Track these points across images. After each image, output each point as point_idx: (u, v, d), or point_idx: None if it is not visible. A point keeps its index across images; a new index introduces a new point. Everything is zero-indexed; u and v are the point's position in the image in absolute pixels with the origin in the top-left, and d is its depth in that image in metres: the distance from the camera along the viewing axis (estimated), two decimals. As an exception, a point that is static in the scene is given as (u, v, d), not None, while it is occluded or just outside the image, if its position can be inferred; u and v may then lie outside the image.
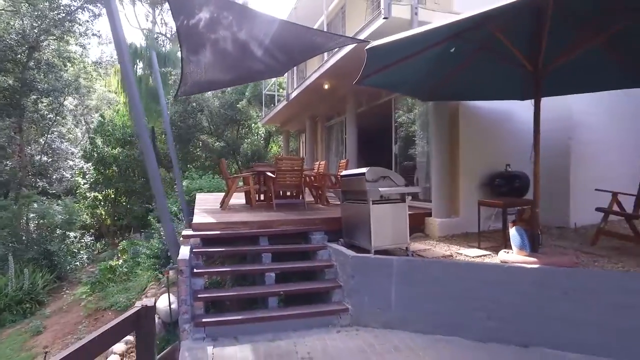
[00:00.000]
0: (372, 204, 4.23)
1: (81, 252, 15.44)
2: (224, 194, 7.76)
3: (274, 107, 13.54)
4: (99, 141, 19.21)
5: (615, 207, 4.61)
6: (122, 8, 28.32)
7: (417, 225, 5.77)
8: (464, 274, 3.90)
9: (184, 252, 4.23)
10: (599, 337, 3.34)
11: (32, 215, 14.03)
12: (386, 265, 4.10)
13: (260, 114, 23.73)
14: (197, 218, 5.42)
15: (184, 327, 3.78)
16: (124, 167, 18.90)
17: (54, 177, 18.64)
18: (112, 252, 16.05)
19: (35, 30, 15.84)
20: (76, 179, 20.20)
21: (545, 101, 4.22)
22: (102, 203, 20.14)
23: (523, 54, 3.95)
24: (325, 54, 7.83)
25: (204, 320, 3.85)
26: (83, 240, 16.65)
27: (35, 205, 13.77)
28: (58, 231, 13.96)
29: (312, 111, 11.60)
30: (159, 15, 35.27)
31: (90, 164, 19.30)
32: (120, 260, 13.18)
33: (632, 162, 4.69)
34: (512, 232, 4.15)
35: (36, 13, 15.84)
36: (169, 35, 34.19)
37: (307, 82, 8.94)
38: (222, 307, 4.42)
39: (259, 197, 7.50)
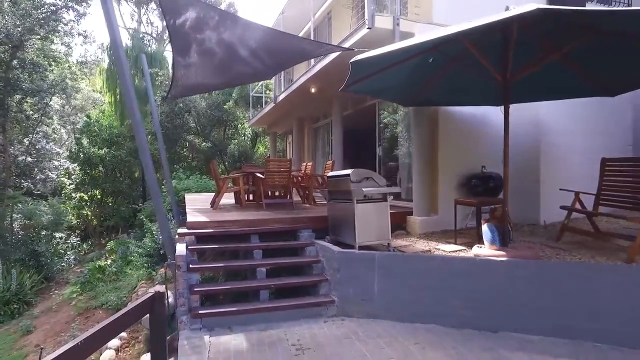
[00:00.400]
0: (357, 203, 4.57)
1: (68, 252, 15.43)
2: (213, 194, 8.02)
3: (262, 108, 13.79)
4: (85, 141, 19.12)
5: (578, 206, 5.05)
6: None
7: (400, 223, 6.14)
8: (441, 267, 4.26)
9: (181, 248, 4.50)
10: (559, 320, 3.74)
11: (17, 216, 13.97)
12: (369, 260, 4.43)
13: (247, 115, 23.90)
14: (191, 217, 5.68)
15: (181, 318, 4.04)
16: (110, 168, 18.84)
17: (38, 177, 18.44)
18: (100, 252, 16.06)
19: (19, 29, 15.70)
20: (62, 179, 20.05)
21: (518, 107, 4.62)
22: (88, 204, 20.03)
23: (493, 65, 4.34)
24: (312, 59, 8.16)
25: (200, 312, 4.12)
26: (69, 241, 16.62)
27: (20, 205, 13.73)
28: (44, 232, 13.95)
29: (299, 113, 11.91)
30: (144, 14, 35.08)
31: (75, 164, 19.19)
32: (109, 260, 13.26)
33: (593, 164, 5.13)
34: (484, 228, 4.54)
35: (20, 12, 15.71)
36: (154, 35, 34.03)
37: (295, 86, 9.24)
38: (216, 300, 4.70)
39: (249, 197, 7.77)
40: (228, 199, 8.08)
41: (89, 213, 20.31)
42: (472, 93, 5.61)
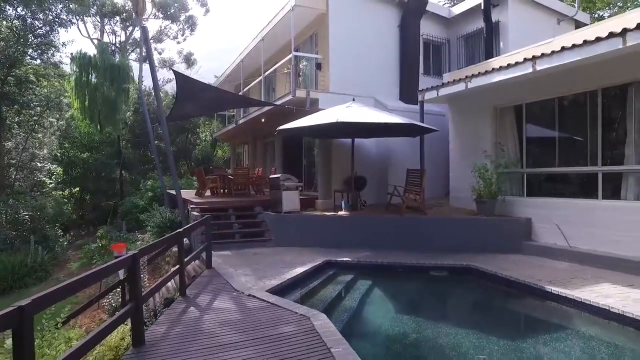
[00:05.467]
0: (283, 190, 9.36)
1: (60, 239, 18.81)
2: (192, 190, 12.43)
3: (224, 126, 18.22)
4: (67, 145, 22.22)
5: (396, 193, 10.15)
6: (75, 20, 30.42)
7: (311, 205, 11.01)
8: (320, 220, 9.15)
9: (194, 213, 9.02)
10: (369, 242, 8.71)
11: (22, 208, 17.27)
12: (289, 218, 9.23)
13: (207, 123, 28.03)
14: (193, 200, 10.17)
15: (197, 246, 8.56)
16: (92, 169, 22.10)
17: (19, 176, 21.33)
18: (87, 239, 19.53)
19: (13, 49, 18.76)
20: (43, 179, 23.00)
21: (379, 140, 9.61)
22: (68, 200, 23.10)
23: (343, 129, 9.27)
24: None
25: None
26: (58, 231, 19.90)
27: (27, 199, 17.08)
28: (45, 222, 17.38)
29: (253, 132, 16.52)
30: (107, 24, 37.50)
31: (55, 165, 22.22)
32: (104, 241, 17.00)
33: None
34: (343, 203, 9.49)
35: (15, 37, 18.81)
36: (118, 45, 36.68)
37: (251, 116, 13.85)
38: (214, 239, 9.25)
39: (223, 190, 12.32)
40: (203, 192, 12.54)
41: (69, 208, 23.40)
42: (345, 133, 10.58)
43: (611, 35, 5.83)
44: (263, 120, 13.63)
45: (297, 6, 10.87)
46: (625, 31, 5.66)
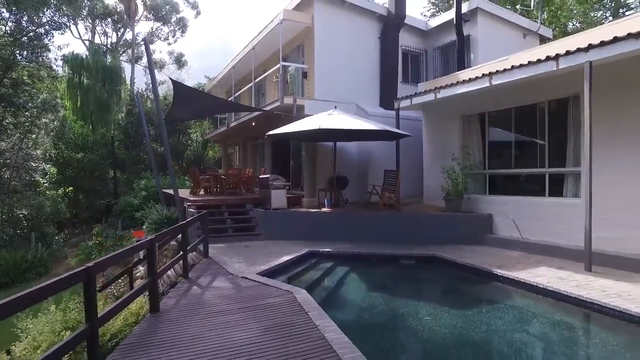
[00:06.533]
0: (271, 189, 10.32)
1: (56, 237, 19.47)
2: (185, 189, 13.30)
3: (215, 128, 19.08)
4: (62, 146, 22.80)
5: (374, 192, 11.19)
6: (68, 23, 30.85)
7: (298, 202, 11.98)
8: (305, 216, 10.14)
9: (191, 210, 9.92)
10: (348, 235, 9.72)
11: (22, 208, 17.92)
12: (277, 214, 10.20)
13: (198, 124, 28.79)
14: (189, 198, 11.07)
15: (194, 239, 9.47)
16: (86, 169, 22.71)
17: (14, 175, 21.88)
18: (82, 237, 20.20)
19: (8, 52, 19.33)
20: (37, 179, 23.52)
21: (361, 143, 10.63)
22: (62, 199, 23.68)
23: (328, 134, 10.27)
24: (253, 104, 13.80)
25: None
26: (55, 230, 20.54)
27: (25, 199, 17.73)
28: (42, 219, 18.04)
29: (244, 135, 17.43)
30: (98, 25, 37.93)
31: (49, 165, 22.79)
32: (101, 238, 17.73)
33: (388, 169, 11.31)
34: (326, 200, 10.49)
35: (10, 39, 19.36)
36: (109, 46, 37.15)
37: (242, 120, 14.77)
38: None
39: (216, 189, 13.22)
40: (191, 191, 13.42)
41: (63, 207, 23.97)
42: (328, 138, 11.58)
43: (548, 58, 6.94)
44: (253, 124, 14.56)
45: (285, 20, 11.84)
46: (557, 56, 6.77)
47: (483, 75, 8.35)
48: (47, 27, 21.35)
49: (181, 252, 6.23)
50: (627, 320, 4.62)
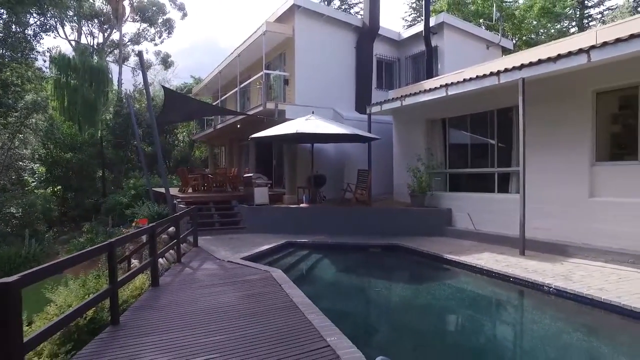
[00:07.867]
0: (254, 187, 11.33)
1: (46, 234, 20.07)
2: (173, 187, 14.20)
3: (202, 129, 19.97)
4: (51, 146, 23.30)
5: (348, 189, 12.29)
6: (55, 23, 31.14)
7: (279, 199, 13.02)
8: (285, 211, 11.18)
9: (181, 205, 10.87)
10: (325, 228, 10.81)
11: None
12: (260, 209, 11.23)
13: (185, 124, 29.51)
14: (179, 195, 12.00)
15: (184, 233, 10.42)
16: (75, 168, 23.27)
17: (3, 174, 22.37)
18: (72, 234, 20.83)
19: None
20: (25, 178, 23.98)
21: (338, 145, 11.69)
22: (50, 198, 24.17)
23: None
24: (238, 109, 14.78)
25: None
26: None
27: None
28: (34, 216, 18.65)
29: (230, 136, 18.37)
30: (84, 25, 38.21)
31: (38, 165, 23.29)
32: (91, 235, 18.43)
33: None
34: (304, 196, 11.56)
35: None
36: (95, 47, 37.48)
37: (228, 122, 15.73)
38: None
39: (203, 187, 14.16)
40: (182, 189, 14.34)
41: (51, 206, 24.47)
42: (306, 140, 12.64)
43: (491, 74, 8.14)
44: (239, 126, 15.52)
45: (268, 31, 12.86)
46: (499, 72, 7.98)
47: (441, 86, 9.52)
48: (35, 28, 21.87)
49: (175, 241, 7.19)
50: (536, 289, 5.81)
